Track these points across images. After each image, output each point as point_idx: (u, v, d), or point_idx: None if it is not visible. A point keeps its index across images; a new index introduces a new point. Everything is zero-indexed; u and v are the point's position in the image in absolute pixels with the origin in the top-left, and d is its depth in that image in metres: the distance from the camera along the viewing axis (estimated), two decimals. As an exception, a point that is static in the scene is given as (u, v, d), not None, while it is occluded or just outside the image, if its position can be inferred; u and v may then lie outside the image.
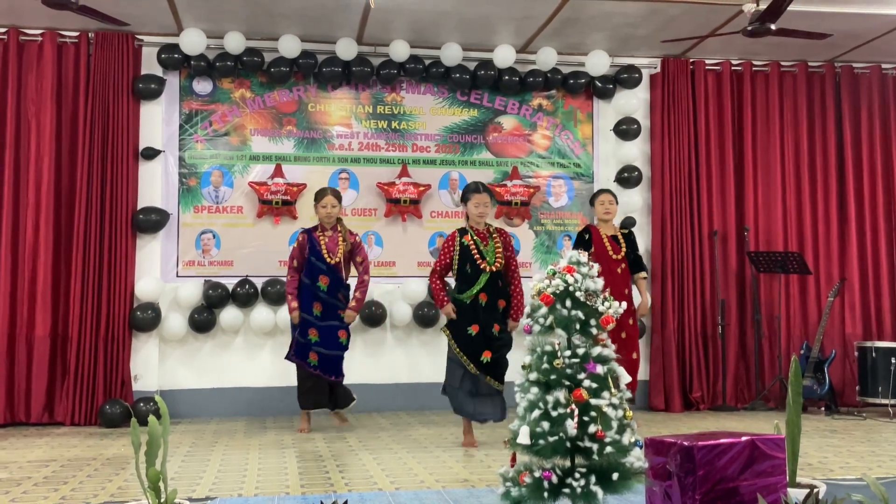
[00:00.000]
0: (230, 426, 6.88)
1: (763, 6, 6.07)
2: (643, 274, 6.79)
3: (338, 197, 6.64)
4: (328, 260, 6.49)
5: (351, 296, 6.61)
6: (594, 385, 2.98)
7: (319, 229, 6.60)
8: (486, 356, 5.70)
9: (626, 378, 3.12)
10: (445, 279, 5.94)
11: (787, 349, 7.97)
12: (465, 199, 5.96)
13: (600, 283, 3.10)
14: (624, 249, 6.65)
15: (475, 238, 5.85)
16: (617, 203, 6.86)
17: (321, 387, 6.55)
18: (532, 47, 7.95)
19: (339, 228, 6.61)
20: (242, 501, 4.15)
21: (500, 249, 5.85)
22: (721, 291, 8.04)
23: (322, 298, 6.46)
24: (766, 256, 7.90)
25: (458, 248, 5.85)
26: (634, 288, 6.74)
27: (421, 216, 7.90)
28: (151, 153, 7.47)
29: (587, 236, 6.70)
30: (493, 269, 5.78)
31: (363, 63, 7.73)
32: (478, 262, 5.77)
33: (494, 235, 5.91)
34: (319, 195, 6.61)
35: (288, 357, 6.60)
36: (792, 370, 3.78)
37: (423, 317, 7.65)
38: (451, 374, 5.88)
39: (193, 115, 7.67)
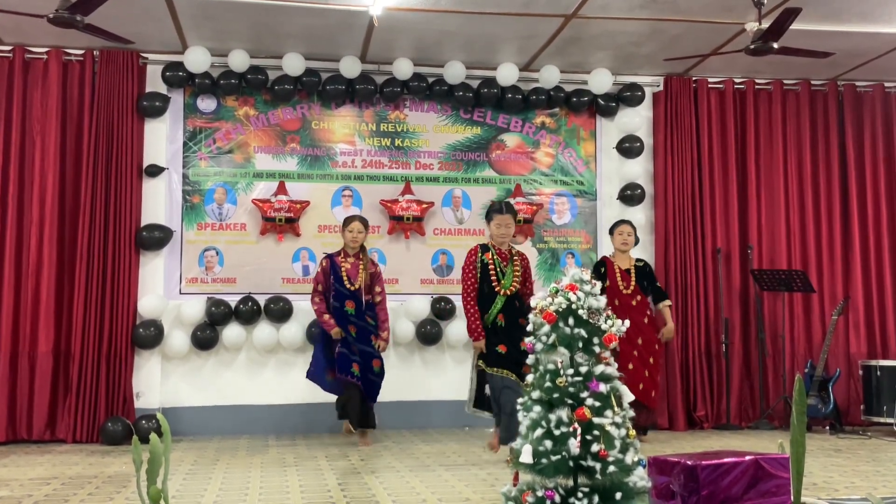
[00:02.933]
0: (232, 444, 6.86)
1: (766, 25, 6.09)
2: (667, 302, 7.08)
3: (365, 224, 6.81)
4: (349, 286, 6.64)
5: (377, 323, 6.73)
6: (597, 404, 2.97)
7: (342, 255, 6.75)
8: (526, 371, 5.71)
9: (629, 396, 3.10)
10: (477, 306, 5.90)
11: (791, 368, 7.94)
12: (488, 219, 6.03)
13: (603, 300, 3.10)
14: (634, 282, 6.79)
15: (496, 257, 5.89)
16: (636, 234, 6.97)
17: (356, 398, 6.59)
18: (535, 65, 7.98)
19: (361, 256, 6.75)
20: (244, 520, 4.13)
21: (519, 273, 5.89)
22: (725, 310, 8.02)
23: (354, 322, 6.63)
24: (770, 274, 7.89)
25: (478, 265, 5.87)
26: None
27: (424, 233, 7.90)
28: (155, 170, 7.49)
29: (602, 269, 6.81)
30: (508, 292, 5.81)
31: (367, 81, 7.76)
32: (493, 284, 5.79)
33: (515, 259, 5.96)
34: (348, 221, 6.81)
35: (311, 377, 6.69)
36: (796, 389, 3.76)
37: (426, 334, 7.63)
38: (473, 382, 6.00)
39: (197, 132, 7.70)
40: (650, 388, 6.85)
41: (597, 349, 3.04)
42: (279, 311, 7.41)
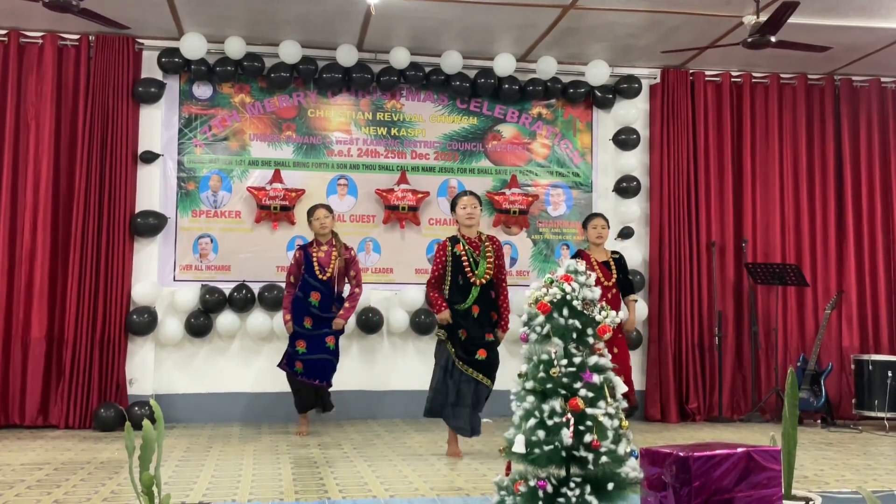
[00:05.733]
0: (225, 431, 6.87)
1: (763, 18, 6.08)
2: (633, 297, 7.05)
3: (329, 209, 6.83)
4: (319, 276, 6.67)
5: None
6: (590, 394, 2.97)
7: (315, 244, 6.79)
8: (482, 354, 5.69)
9: (622, 388, 3.11)
10: (442, 287, 5.87)
11: (783, 361, 7.96)
12: (453, 207, 5.92)
13: (597, 292, 3.10)
14: (615, 276, 6.79)
15: (467, 248, 5.79)
16: (609, 227, 6.96)
17: (308, 391, 6.73)
18: (532, 56, 7.97)
19: (333, 243, 6.76)
20: (236, 507, 4.13)
21: (492, 258, 5.81)
22: (718, 303, 8.04)
23: (313, 313, 6.66)
24: (764, 268, 7.91)
25: (449, 258, 5.79)
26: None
27: (419, 223, 7.90)
28: (150, 157, 7.47)
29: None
30: (483, 281, 5.75)
31: (363, 70, 7.74)
32: (468, 275, 5.73)
33: (486, 244, 5.84)
34: (311, 211, 6.84)
35: (279, 365, 6.81)
36: (788, 382, 3.77)
37: (420, 324, 7.64)
38: (435, 378, 5.82)
39: (193, 119, 7.67)
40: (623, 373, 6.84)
41: (590, 340, 3.04)
42: (273, 299, 7.40)
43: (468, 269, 5.73)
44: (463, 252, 5.77)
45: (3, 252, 7.07)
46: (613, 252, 7.07)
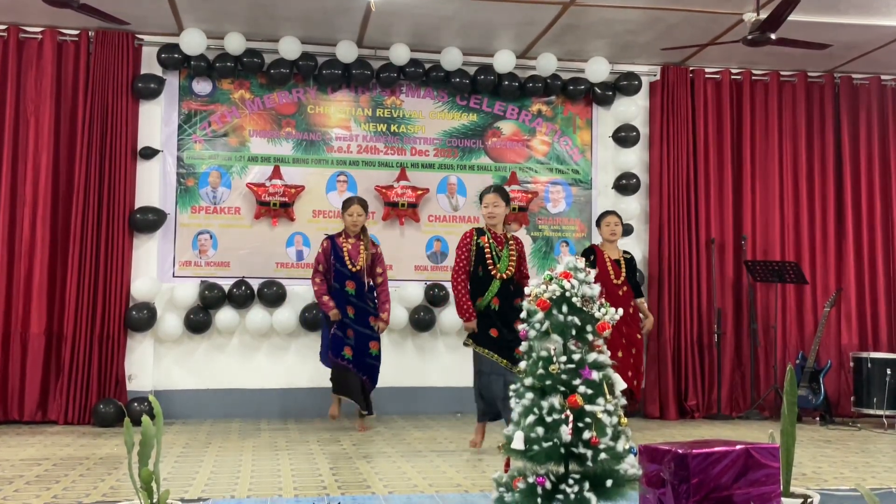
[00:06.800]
0: (224, 427, 6.87)
1: (764, 15, 6.08)
2: (642, 300, 7.10)
3: (364, 206, 6.78)
4: (350, 268, 6.62)
5: (377, 305, 6.74)
6: (589, 391, 2.97)
7: (343, 236, 6.74)
8: (518, 353, 5.67)
9: (621, 385, 3.11)
10: (469, 285, 5.83)
11: (782, 359, 7.96)
12: (481, 202, 6.01)
13: (597, 289, 3.10)
14: (624, 274, 6.82)
15: (491, 241, 5.85)
16: (622, 224, 7.02)
17: (354, 380, 6.62)
18: (532, 53, 7.96)
19: (361, 238, 6.74)
20: (235, 503, 4.14)
21: (514, 257, 5.86)
22: (717, 300, 8.04)
23: (353, 302, 6.63)
24: (763, 265, 7.91)
25: (474, 248, 5.84)
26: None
27: (419, 220, 7.90)
28: (150, 153, 7.46)
29: (592, 257, 6.81)
30: (505, 276, 5.78)
31: (363, 66, 7.73)
32: (489, 267, 5.77)
33: (511, 243, 5.91)
34: (347, 204, 6.76)
35: (324, 360, 6.75)
36: (787, 380, 3.78)
37: (419, 321, 7.64)
38: (479, 381, 5.86)
39: (192, 115, 7.66)
40: (635, 376, 6.86)
41: (590, 337, 3.04)
42: (272, 295, 7.41)
43: (490, 261, 5.77)
44: (487, 244, 5.82)
45: (3, 247, 7.07)
46: (625, 252, 7.10)
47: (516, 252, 5.90)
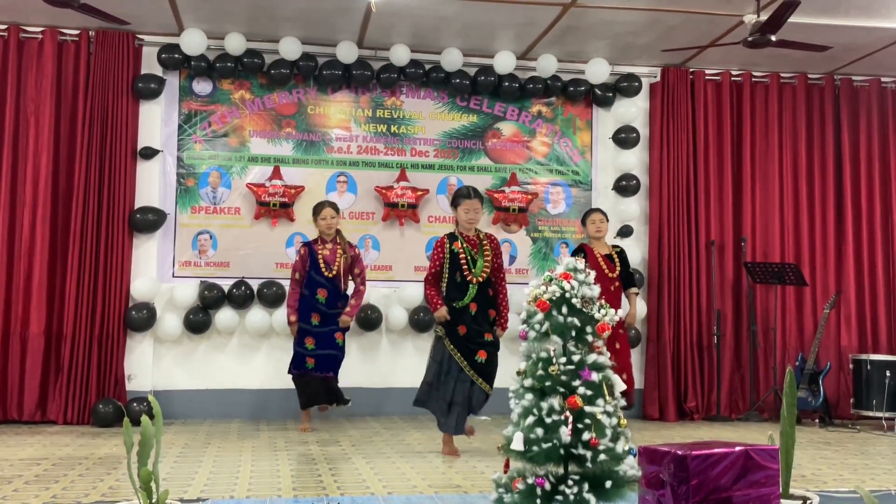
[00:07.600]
0: (223, 428, 6.87)
1: (764, 17, 6.08)
2: (634, 290, 7.12)
3: (335, 209, 6.83)
4: (326, 273, 6.68)
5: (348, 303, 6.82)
6: (589, 392, 2.97)
7: (319, 242, 6.79)
8: (482, 356, 5.66)
9: (620, 386, 3.11)
10: (440, 284, 5.82)
11: (782, 360, 7.96)
12: (455, 204, 5.82)
13: (597, 290, 3.10)
14: (618, 268, 6.82)
15: (465, 245, 5.73)
16: (608, 220, 6.99)
17: (317, 386, 6.73)
18: (532, 54, 7.96)
19: (338, 241, 6.79)
20: (234, 503, 4.13)
21: (490, 257, 5.75)
22: (717, 301, 8.04)
23: (321, 310, 6.68)
24: (763, 267, 7.91)
25: (447, 255, 5.74)
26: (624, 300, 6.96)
27: (419, 220, 7.90)
28: (150, 153, 7.46)
29: (582, 255, 6.79)
30: (480, 279, 5.71)
31: (363, 67, 7.73)
32: (465, 273, 5.70)
33: (485, 242, 5.79)
34: (318, 209, 6.81)
35: (291, 373, 6.78)
36: (787, 381, 3.78)
37: (419, 321, 7.64)
38: (429, 371, 5.77)
39: (193, 115, 7.66)
40: (623, 370, 6.80)
41: (589, 338, 3.04)
42: (272, 295, 7.41)
43: (466, 267, 5.70)
44: (461, 249, 5.71)
45: (2, 247, 7.07)
46: (615, 246, 7.10)
47: (491, 251, 5.78)
